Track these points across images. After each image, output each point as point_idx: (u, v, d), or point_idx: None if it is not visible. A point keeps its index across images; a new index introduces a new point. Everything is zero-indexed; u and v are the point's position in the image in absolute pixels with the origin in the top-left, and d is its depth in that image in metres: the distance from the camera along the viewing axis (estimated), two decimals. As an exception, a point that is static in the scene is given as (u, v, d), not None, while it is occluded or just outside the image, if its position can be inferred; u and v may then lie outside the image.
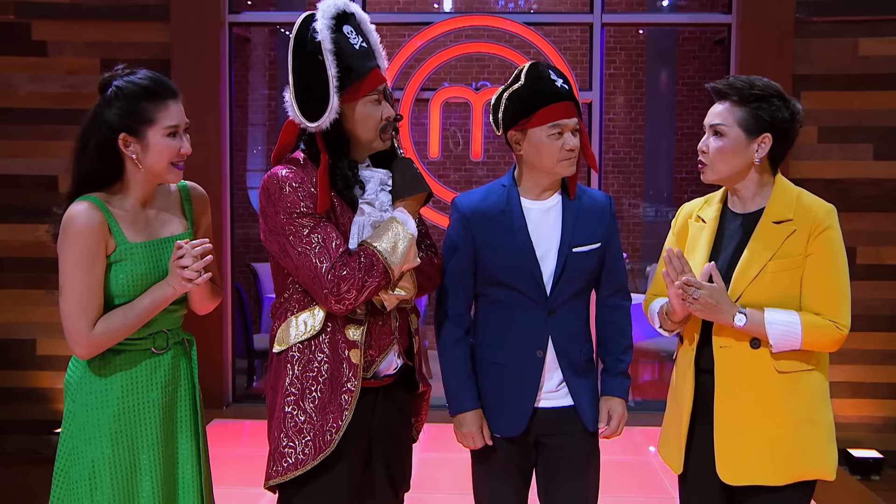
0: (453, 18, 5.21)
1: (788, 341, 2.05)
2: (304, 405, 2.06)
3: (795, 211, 2.12)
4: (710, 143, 2.15)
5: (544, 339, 2.25)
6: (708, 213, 2.25)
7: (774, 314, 2.06)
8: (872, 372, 4.86)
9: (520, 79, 2.25)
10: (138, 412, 2.09)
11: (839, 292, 2.10)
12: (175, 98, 2.09)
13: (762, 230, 2.12)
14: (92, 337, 2.01)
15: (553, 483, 2.31)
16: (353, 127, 2.10)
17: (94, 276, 2.02)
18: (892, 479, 4.69)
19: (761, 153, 2.12)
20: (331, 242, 2.01)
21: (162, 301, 2.07)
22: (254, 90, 8.53)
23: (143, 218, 2.12)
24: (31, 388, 5.01)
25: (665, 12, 8.57)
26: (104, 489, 2.03)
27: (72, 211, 2.02)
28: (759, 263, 2.09)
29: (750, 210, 2.18)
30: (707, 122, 2.18)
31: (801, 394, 2.11)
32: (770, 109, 2.11)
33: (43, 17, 4.92)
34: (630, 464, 2.31)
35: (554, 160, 2.22)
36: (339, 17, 2.06)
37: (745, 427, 2.10)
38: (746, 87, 2.11)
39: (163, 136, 2.06)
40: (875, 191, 4.83)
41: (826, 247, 2.09)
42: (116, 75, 2.08)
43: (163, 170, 2.08)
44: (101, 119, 2.04)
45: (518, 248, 2.24)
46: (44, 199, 4.88)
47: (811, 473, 2.12)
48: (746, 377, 2.10)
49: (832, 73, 4.81)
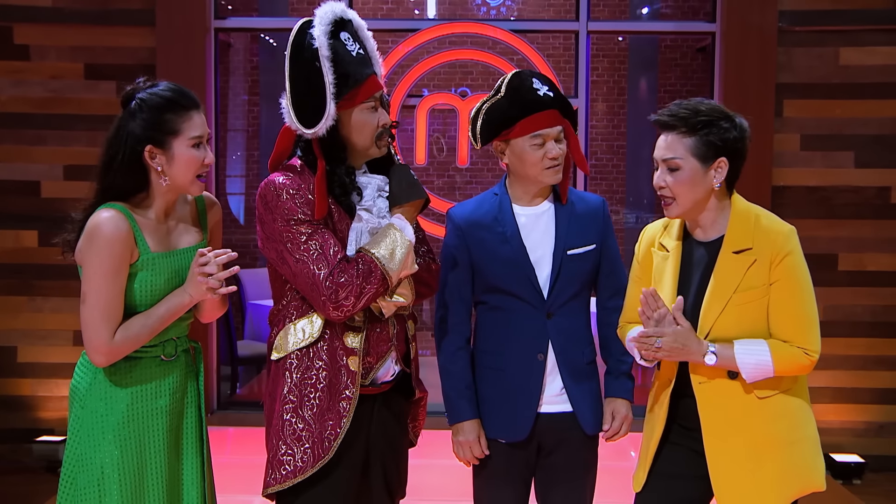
0: (440, 25, 5.22)
1: (761, 371, 2.03)
2: (303, 412, 2.06)
3: (755, 238, 2.06)
4: (667, 179, 2.08)
5: (544, 342, 2.26)
6: (669, 242, 2.19)
7: (743, 347, 2.02)
8: (854, 377, 4.92)
9: (500, 91, 2.26)
10: (147, 419, 2.08)
11: (806, 318, 2.05)
12: (198, 109, 2.09)
13: (723, 263, 2.07)
14: (113, 345, 2.00)
15: (552, 489, 2.32)
16: (350, 134, 2.09)
17: (119, 284, 2.01)
18: (873, 483, 4.74)
19: (719, 178, 2.06)
20: (328, 249, 2.01)
21: (178, 309, 2.07)
22: (235, 95, 8.49)
23: (164, 228, 2.12)
24: (12, 396, 4.93)
25: (649, 20, 8.65)
26: (112, 495, 2.02)
27: (98, 218, 2.01)
28: (724, 298, 2.05)
29: (711, 237, 2.13)
30: (658, 157, 2.10)
31: (784, 416, 2.10)
32: (719, 133, 2.04)
33: (25, 21, 4.86)
34: (615, 469, 2.33)
35: (538, 169, 2.24)
36: (336, 24, 2.06)
37: (735, 458, 2.08)
38: (691, 115, 2.04)
39: (188, 146, 2.06)
40: (856, 198, 4.89)
41: (789, 273, 2.04)
42: (139, 88, 2.08)
43: (187, 182, 2.08)
44: (125, 132, 2.03)
45: (513, 253, 2.26)
46: (26, 204, 4.91)
47: (804, 490, 2.12)
48: (729, 408, 2.08)
49: (814, 82, 4.87)
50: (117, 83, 4.82)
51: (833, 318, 4.75)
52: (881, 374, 4.91)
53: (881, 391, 4.92)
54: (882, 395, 4.91)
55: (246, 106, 8.62)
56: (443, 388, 2.32)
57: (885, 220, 4.87)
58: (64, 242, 2.10)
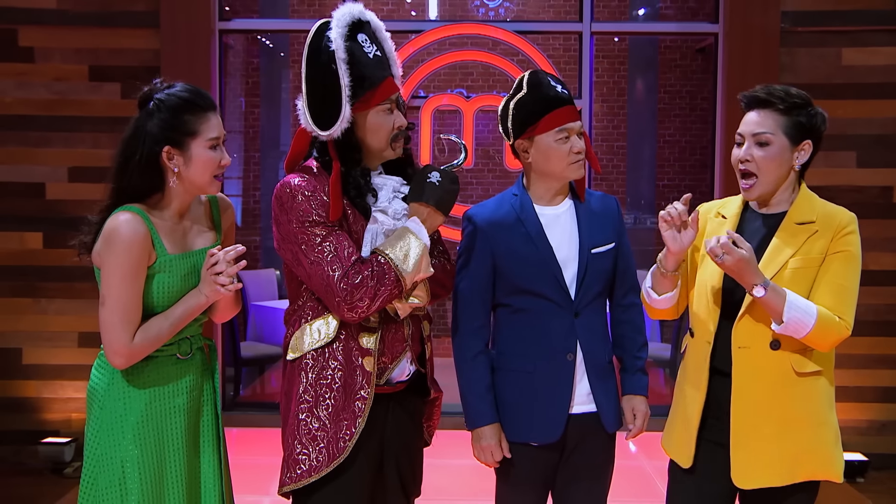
0: (444, 27, 5.23)
1: (798, 326, 2.04)
2: (318, 412, 2.07)
3: (819, 215, 2.15)
4: (755, 152, 2.14)
5: (573, 342, 2.26)
6: (729, 210, 2.27)
7: (796, 298, 2.06)
8: (857, 376, 4.93)
9: (522, 88, 2.27)
10: (165, 417, 2.09)
11: (851, 292, 2.13)
12: (214, 110, 2.09)
13: (785, 230, 2.15)
14: (132, 347, 2.01)
15: (572, 487, 2.32)
16: (365, 135, 2.10)
17: (138, 287, 2.01)
18: (876, 482, 4.75)
19: (802, 160, 2.15)
20: (343, 251, 2.01)
21: (195, 310, 2.08)
22: (234, 97, 8.49)
23: (180, 230, 2.12)
24: (17, 398, 4.93)
25: (652, 21, 8.67)
26: (133, 493, 2.03)
27: (116, 221, 2.01)
28: (781, 260, 2.12)
29: (772, 212, 2.20)
30: (747, 132, 2.15)
31: (815, 396, 2.14)
32: (809, 117, 2.14)
33: (30, 24, 4.86)
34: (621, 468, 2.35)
35: (564, 164, 2.24)
36: (353, 26, 2.07)
37: (760, 430, 2.12)
38: (787, 96, 2.13)
39: (205, 148, 2.06)
40: (858, 198, 4.91)
41: (847, 247, 2.12)
42: (156, 89, 2.08)
43: (205, 182, 2.09)
44: (143, 132, 2.03)
45: (539, 254, 2.25)
46: (30, 206, 4.91)
47: (819, 474, 2.15)
48: (765, 379, 2.12)
49: (816, 83, 4.88)
50: (122, 85, 4.82)
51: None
52: (884, 373, 4.93)
53: (884, 390, 4.93)
54: (885, 393, 4.93)
55: (245, 108, 8.62)
56: (461, 392, 2.30)
57: (888, 220, 4.89)
58: (80, 244, 2.10)
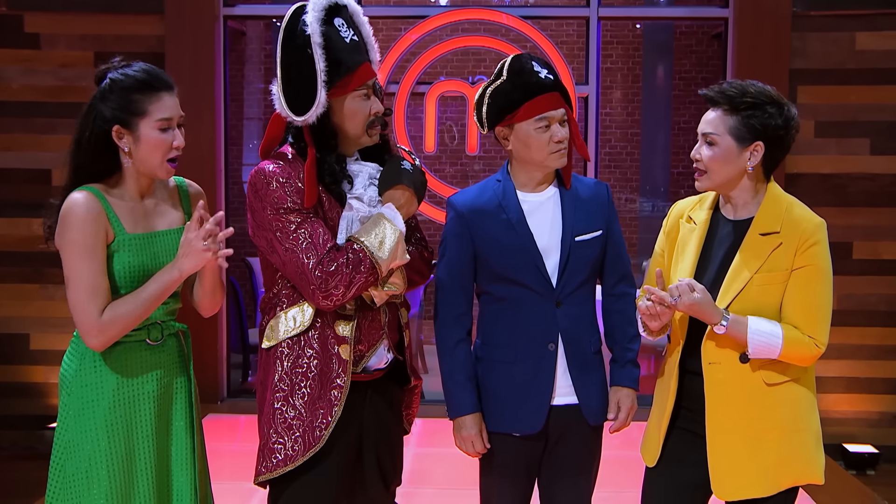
0: (450, 12, 5.20)
1: (766, 351, 2.04)
2: (294, 401, 2.05)
3: (784, 223, 2.08)
4: (703, 151, 2.12)
5: (554, 332, 2.22)
6: (699, 216, 2.22)
7: (758, 324, 2.04)
8: (868, 367, 4.86)
9: (502, 74, 2.22)
10: (133, 404, 2.07)
11: (820, 310, 2.07)
12: (169, 90, 2.06)
13: (749, 243, 2.10)
14: (102, 324, 1.98)
15: (557, 480, 2.29)
16: (341, 121, 2.08)
17: (98, 262, 2.00)
18: (887, 474, 4.69)
19: (753, 161, 2.09)
20: (318, 238, 1.99)
21: (169, 285, 2.03)
22: (249, 84, 8.50)
23: (140, 209, 2.10)
24: (25, 383, 4.99)
25: (661, 6, 8.55)
26: (101, 482, 2.02)
27: (70, 200, 2.01)
28: (745, 277, 2.07)
29: (741, 217, 2.16)
30: (699, 130, 2.14)
31: (789, 404, 2.11)
32: (762, 117, 2.06)
33: (35, 10, 4.89)
34: (624, 458, 2.31)
35: (544, 153, 2.20)
36: (330, 10, 2.04)
37: (735, 441, 2.09)
38: (738, 95, 2.06)
39: (154, 128, 2.04)
40: (871, 186, 4.82)
41: (812, 262, 2.06)
42: (112, 67, 2.07)
43: (155, 164, 2.06)
44: (95, 111, 2.04)
45: (520, 241, 2.21)
46: (37, 192, 4.91)
47: (800, 480, 2.13)
48: (736, 391, 2.09)
49: (829, 68, 4.80)
50: (127, 72, 4.84)
51: (847, 307, 4.68)
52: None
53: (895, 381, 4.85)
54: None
55: (261, 94, 8.62)
56: (443, 381, 2.27)
57: (901, 209, 4.81)
58: (45, 230, 2.09)
